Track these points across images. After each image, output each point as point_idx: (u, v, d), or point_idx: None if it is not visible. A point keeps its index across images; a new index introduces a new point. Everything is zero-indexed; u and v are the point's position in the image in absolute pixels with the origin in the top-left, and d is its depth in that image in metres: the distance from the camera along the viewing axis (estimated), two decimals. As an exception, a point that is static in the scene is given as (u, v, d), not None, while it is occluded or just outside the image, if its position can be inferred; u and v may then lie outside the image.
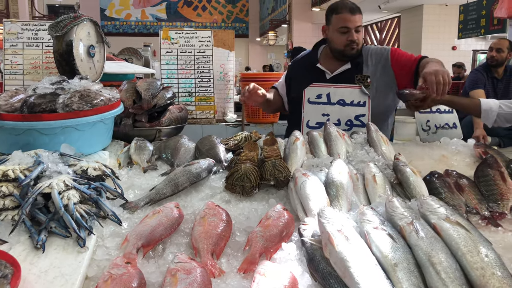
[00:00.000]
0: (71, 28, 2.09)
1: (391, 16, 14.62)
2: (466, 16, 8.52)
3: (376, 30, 17.52)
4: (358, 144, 2.00)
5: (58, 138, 1.69)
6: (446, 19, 12.05)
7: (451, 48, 12.68)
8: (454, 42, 12.17)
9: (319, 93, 2.34)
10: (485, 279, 0.97)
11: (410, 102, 2.09)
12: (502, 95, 4.54)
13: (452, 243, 1.09)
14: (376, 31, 17.58)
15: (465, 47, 12.69)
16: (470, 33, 8.48)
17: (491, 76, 4.52)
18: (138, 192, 1.59)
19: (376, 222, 1.17)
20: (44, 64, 3.62)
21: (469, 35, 8.59)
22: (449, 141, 2.16)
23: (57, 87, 1.84)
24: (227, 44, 4.47)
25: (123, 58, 5.66)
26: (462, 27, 8.67)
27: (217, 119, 4.32)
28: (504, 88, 4.53)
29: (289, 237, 1.25)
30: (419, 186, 1.52)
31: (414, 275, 1.00)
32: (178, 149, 1.91)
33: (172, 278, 1.02)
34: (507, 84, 4.53)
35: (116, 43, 8.52)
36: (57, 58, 2.13)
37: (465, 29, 8.58)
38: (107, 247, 1.22)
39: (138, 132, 2.16)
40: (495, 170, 1.61)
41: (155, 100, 2.28)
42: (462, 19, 8.63)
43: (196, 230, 1.25)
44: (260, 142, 1.99)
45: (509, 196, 1.49)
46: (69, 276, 1.08)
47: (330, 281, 1.02)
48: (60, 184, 1.31)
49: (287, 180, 1.59)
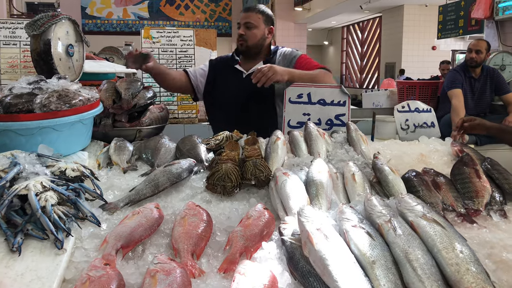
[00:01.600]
0: (49, 27, 2.06)
1: (373, 16, 14.81)
2: (445, 16, 8.67)
3: (358, 30, 17.71)
4: (338, 143, 2.02)
5: (35, 138, 1.66)
6: (426, 19, 12.27)
7: (431, 48, 12.91)
8: (434, 42, 12.40)
9: (300, 93, 2.36)
10: (460, 274, 1.00)
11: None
12: (479, 95, 4.63)
13: (429, 240, 1.11)
14: (358, 31, 17.77)
15: (444, 47, 12.94)
16: (449, 33, 8.63)
17: (469, 76, 4.61)
18: (118, 193, 1.58)
19: (355, 220, 1.18)
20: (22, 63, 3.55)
21: (448, 35, 8.74)
22: (427, 139, 2.20)
23: (34, 87, 1.81)
24: (209, 43, 4.46)
25: (103, 57, 5.59)
26: (441, 27, 8.82)
27: (200, 118, 4.31)
28: (481, 87, 4.62)
29: (269, 236, 1.26)
30: (397, 184, 1.54)
31: (392, 272, 1.02)
32: (159, 149, 1.89)
33: (152, 279, 1.02)
34: (484, 84, 4.62)
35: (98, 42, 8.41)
36: (35, 58, 2.10)
37: (444, 30, 8.73)
38: (86, 248, 1.20)
39: (118, 132, 2.14)
40: (470, 168, 1.65)
41: (135, 100, 2.25)
42: (441, 20, 8.77)
43: (176, 231, 1.25)
44: (241, 141, 1.99)
45: (483, 194, 1.52)
46: (46, 278, 1.06)
47: (309, 279, 1.03)
48: (37, 185, 1.29)
49: (268, 180, 1.60)
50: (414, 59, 12.73)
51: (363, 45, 17.47)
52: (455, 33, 8.41)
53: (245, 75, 2.64)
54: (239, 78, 2.65)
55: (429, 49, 12.85)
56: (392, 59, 13.41)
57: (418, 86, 5.19)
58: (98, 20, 18.55)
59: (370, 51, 16.65)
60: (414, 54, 12.78)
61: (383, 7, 13.10)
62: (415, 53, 12.78)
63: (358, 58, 18.07)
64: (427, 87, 5.20)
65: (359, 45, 17.88)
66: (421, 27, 12.62)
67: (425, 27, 12.41)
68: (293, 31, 15.26)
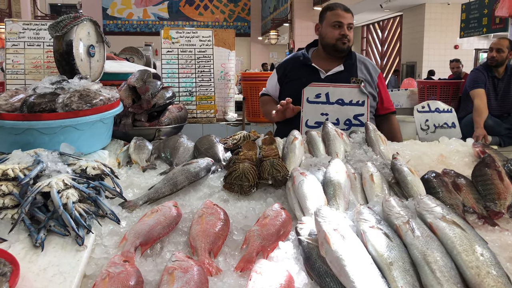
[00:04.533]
0: (71, 28, 2.10)
1: (393, 15, 14.60)
2: (468, 15, 8.49)
3: (378, 29, 17.50)
4: (357, 143, 2.00)
5: (57, 137, 1.70)
6: (448, 17, 12.04)
7: (453, 47, 12.66)
8: (456, 41, 12.16)
9: (318, 93, 2.35)
10: (480, 278, 0.98)
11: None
12: (502, 95, 4.53)
13: (448, 242, 1.09)
14: (378, 30, 17.56)
15: (467, 46, 12.67)
16: (472, 32, 8.45)
17: (492, 75, 4.51)
18: (137, 191, 1.60)
19: (373, 221, 1.17)
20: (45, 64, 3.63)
21: (471, 34, 8.56)
22: (447, 140, 2.16)
23: (57, 87, 1.85)
24: (228, 43, 4.48)
25: (124, 57, 5.66)
26: (464, 26, 8.64)
27: (218, 118, 4.33)
28: (504, 87, 4.52)
29: (286, 236, 1.26)
30: (416, 185, 1.52)
31: (410, 274, 1.00)
32: (177, 149, 1.92)
33: (169, 276, 1.03)
34: (507, 84, 4.51)
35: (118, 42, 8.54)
36: (57, 58, 2.14)
37: (467, 28, 8.55)
38: (106, 245, 1.23)
39: (137, 132, 2.17)
40: (492, 170, 1.62)
41: (154, 100, 2.29)
42: (464, 18, 8.60)
43: (194, 229, 1.26)
44: (258, 141, 2.00)
45: (506, 196, 1.49)
46: (67, 274, 1.09)
47: (326, 279, 1.02)
48: (59, 183, 1.32)
49: (285, 179, 1.60)
50: (435, 59, 12.50)
51: (383, 44, 17.26)
52: (478, 31, 8.23)
53: (324, 76, 2.60)
54: (317, 77, 2.59)
55: (451, 48, 12.60)
56: (412, 58, 13.21)
57: (439, 86, 5.10)
58: (119, 21, 18.85)
59: (390, 50, 16.44)
60: (436, 54, 12.56)
61: (404, 6, 12.91)
62: (436, 53, 12.55)
63: (378, 58, 17.86)
64: (448, 87, 5.11)
65: (379, 44, 17.67)
66: (443, 26, 12.38)
67: (447, 26, 12.18)
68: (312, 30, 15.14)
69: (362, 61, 2.68)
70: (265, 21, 18.95)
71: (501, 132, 4.28)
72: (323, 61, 2.65)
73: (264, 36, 19.27)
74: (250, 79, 4.69)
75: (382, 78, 2.73)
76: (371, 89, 2.61)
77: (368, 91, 2.57)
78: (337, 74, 2.58)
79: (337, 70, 2.59)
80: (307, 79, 2.53)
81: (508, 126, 4.33)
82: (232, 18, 19.21)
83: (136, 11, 18.65)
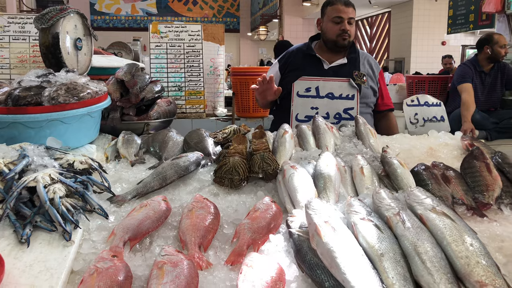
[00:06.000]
0: (57, 20, 2.06)
1: (382, 11, 14.68)
2: (455, 11, 8.55)
3: (367, 25, 17.57)
4: (346, 137, 2.00)
5: (44, 131, 1.67)
6: (436, 14, 12.11)
7: (441, 43, 12.76)
8: (444, 37, 12.25)
9: (308, 87, 2.34)
10: (470, 267, 0.98)
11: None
12: (489, 89, 4.58)
13: (438, 233, 1.10)
14: (366, 26, 17.62)
15: (454, 42, 12.78)
16: (459, 28, 8.51)
17: (479, 70, 4.55)
18: (126, 185, 1.58)
19: (363, 213, 1.17)
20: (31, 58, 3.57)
21: (458, 30, 8.62)
22: (436, 133, 2.17)
23: (43, 80, 1.81)
24: (217, 38, 4.44)
25: (112, 52, 5.61)
26: (451, 22, 8.70)
27: (207, 113, 4.30)
28: (491, 82, 4.57)
29: (277, 229, 1.25)
30: (406, 178, 1.53)
31: (400, 265, 1.00)
32: (166, 143, 1.90)
33: (159, 270, 1.02)
34: (494, 78, 4.56)
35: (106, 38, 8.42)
36: (43, 51, 2.10)
37: (454, 24, 8.61)
38: (94, 240, 1.21)
39: (126, 126, 2.15)
40: (481, 162, 1.63)
41: (143, 94, 2.26)
42: (452, 14, 8.66)
43: (184, 223, 1.25)
44: (248, 135, 1.98)
45: (494, 187, 1.50)
46: (54, 270, 1.06)
47: (317, 272, 1.02)
48: (45, 177, 1.29)
49: (276, 173, 1.59)
50: (423, 55, 12.59)
51: (371, 40, 17.33)
52: (465, 28, 8.29)
53: (328, 67, 2.60)
54: (321, 68, 2.60)
55: (439, 45, 12.69)
56: (401, 54, 13.28)
57: (427, 81, 5.14)
58: (107, 16, 18.62)
59: (379, 46, 16.52)
60: (424, 50, 12.64)
61: (392, 2, 12.97)
62: (424, 49, 12.64)
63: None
64: (436, 82, 5.15)
65: (367, 41, 17.75)
66: (430, 22, 12.46)
67: (434, 22, 12.25)
68: (301, 26, 15.19)
69: (365, 57, 2.70)
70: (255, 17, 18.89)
71: (488, 126, 4.33)
72: (326, 53, 2.65)
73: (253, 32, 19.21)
74: (240, 74, 4.67)
75: (382, 75, 2.75)
76: (372, 84, 2.63)
77: (370, 86, 2.58)
78: (340, 66, 2.59)
79: (340, 63, 2.60)
80: (310, 69, 2.54)
81: (495, 121, 4.38)
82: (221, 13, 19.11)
83: (124, 7, 18.44)
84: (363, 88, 2.51)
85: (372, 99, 2.62)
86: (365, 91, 2.54)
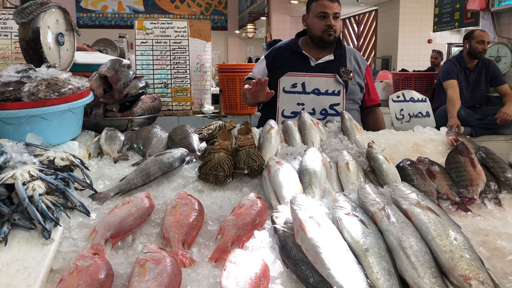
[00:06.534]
0: (38, 14, 2.01)
1: (369, 9, 14.74)
2: (441, 9, 8.63)
3: (354, 23, 17.64)
4: (332, 132, 2.00)
5: (23, 127, 1.63)
6: (422, 12, 12.21)
7: (427, 41, 12.87)
8: (430, 35, 12.36)
9: (294, 82, 2.34)
10: (454, 261, 0.98)
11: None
12: (474, 86, 4.63)
13: (423, 228, 1.09)
14: (354, 24, 17.70)
15: (440, 40, 12.90)
16: (445, 26, 8.59)
17: (464, 66, 4.59)
18: (108, 182, 1.55)
19: (348, 208, 1.16)
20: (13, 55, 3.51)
21: (444, 28, 8.70)
22: (422, 129, 2.18)
23: (23, 76, 1.77)
24: (204, 34, 4.41)
25: (97, 49, 5.53)
26: (437, 20, 8.78)
27: (194, 110, 4.28)
28: (476, 78, 4.61)
29: (262, 225, 1.24)
30: (391, 173, 1.53)
31: (385, 260, 1.00)
32: (150, 139, 1.87)
33: (141, 268, 1.00)
34: (479, 75, 4.61)
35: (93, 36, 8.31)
36: (24, 46, 2.05)
37: (440, 22, 8.70)
38: (74, 238, 1.18)
39: (109, 122, 2.11)
40: (465, 157, 1.64)
41: (126, 90, 2.22)
42: (437, 13, 8.74)
43: (167, 220, 1.22)
44: (234, 131, 1.97)
45: (478, 182, 1.51)
46: (32, 269, 1.04)
47: (301, 267, 1.01)
48: (24, 174, 1.26)
49: (261, 169, 1.58)
50: (410, 52, 12.69)
51: (359, 38, 17.41)
52: (451, 26, 8.38)
53: (314, 64, 2.58)
54: (307, 66, 2.57)
55: (425, 42, 12.80)
56: (388, 52, 13.38)
57: (413, 78, 5.18)
58: (93, 14, 18.38)
59: (366, 44, 16.61)
60: (410, 48, 12.74)
61: (379, 0, 13.05)
62: (411, 47, 12.74)
63: (354, 52, 17.97)
64: (422, 79, 5.19)
65: (355, 39, 17.82)
66: (417, 20, 12.56)
67: (421, 20, 12.35)
68: (289, 24, 15.19)
69: (351, 52, 2.69)
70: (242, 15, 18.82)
71: (473, 123, 4.37)
72: (312, 49, 2.63)
73: (241, 29, 19.15)
74: (227, 71, 4.64)
75: (369, 71, 2.75)
76: (359, 80, 2.62)
77: (357, 82, 2.57)
78: (327, 63, 2.57)
79: (327, 59, 2.58)
80: (297, 66, 2.53)
81: (479, 117, 4.43)
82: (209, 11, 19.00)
83: (110, 4, 18.21)
84: (350, 85, 2.51)
85: (359, 95, 2.62)
86: (352, 88, 2.53)
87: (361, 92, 2.64)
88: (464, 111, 4.33)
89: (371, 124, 2.61)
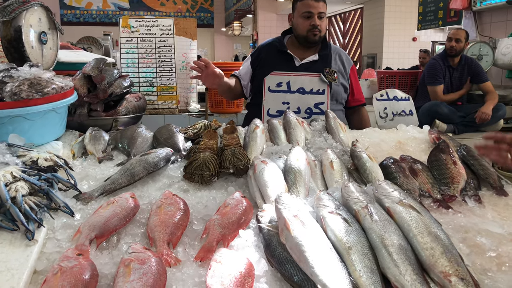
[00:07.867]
0: (20, 13, 1.98)
1: (354, 7, 14.83)
2: (425, 8, 8.75)
3: (340, 21, 17.73)
4: (317, 131, 2.02)
5: (5, 128, 1.61)
6: (407, 10, 12.33)
7: (412, 39, 13.01)
8: (415, 33, 12.49)
9: (279, 82, 2.35)
10: (435, 258, 1.00)
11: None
12: (457, 84, 4.70)
13: (405, 225, 1.11)
14: (340, 22, 17.79)
15: (424, 38, 13.05)
16: (429, 24, 8.72)
17: (447, 65, 4.67)
18: (93, 183, 1.54)
19: (332, 207, 1.18)
20: (-5, 54, 3.44)
21: (428, 26, 8.83)
22: (405, 127, 2.21)
23: (4, 75, 1.74)
24: (189, 32, 4.39)
25: (81, 47, 5.47)
26: (421, 19, 8.90)
27: (180, 109, 4.25)
28: (459, 77, 4.69)
29: (247, 224, 1.25)
30: (375, 171, 1.55)
31: (368, 258, 1.02)
32: (135, 139, 1.86)
33: (126, 268, 1.00)
34: (461, 73, 4.69)
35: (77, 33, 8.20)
36: (5, 45, 2.02)
37: (424, 21, 8.82)
38: (58, 239, 1.17)
39: (93, 122, 2.09)
40: (446, 155, 1.67)
41: (111, 89, 2.20)
42: (422, 11, 8.86)
43: (152, 220, 1.22)
44: (219, 130, 1.97)
45: (459, 180, 1.54)
46: (15, 270, 1.03)
47: (286, 266, 1.02)
48: (6, 175, 1.25)
49: (247, 168, 1.58)
50: (395, 50, 12.81)
51: (344, 36, 17.50)
52: (434, 24, 8.50)
53: (299, 63, 2.58)
54: (292, 65, 2.57)
55: (410, 41, 12.94)
56: (373, 50, 13.48)
57: (398, 76, 5.24)
58: (77, 11, 18.10)
59: (352, 42, 16.71)
60: (395, 46, 12.86)
61: (365, -2, 13.15)
62: (396, 45, 12.86)
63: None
64: (406, 77, 5.25)
65: (341, 37, 17.91)
66: (401, 19, 12.68)
67: (405, 19, 12.47)
68: (275, 22, 15.20)
69: (337, 52, 2.69)
70: (229, 12, 18.76)
71: (456, 120, 4.44)
72: (298, 49, 2.63)
73: (227, 27, 19.09)
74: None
75: (354, 70, 2.76)
76: (343, 81, 2.62)
77: (341, 83, 2.58)
78: (312, 63, 2.58)
79: (311, 59, 2.58)
80: (282, 65, 2.52)
81: (462, 114, 4.50)
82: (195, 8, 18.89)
83: (95, 1, 17.96)
84: (333, 86, 2.52)
85: (343, 96, 2.64)
86: (335, 89, 2.55)
87: (345, 93, 2.65)
88: (447, 109, 4.40)
89: (356, 123, 2.63)
